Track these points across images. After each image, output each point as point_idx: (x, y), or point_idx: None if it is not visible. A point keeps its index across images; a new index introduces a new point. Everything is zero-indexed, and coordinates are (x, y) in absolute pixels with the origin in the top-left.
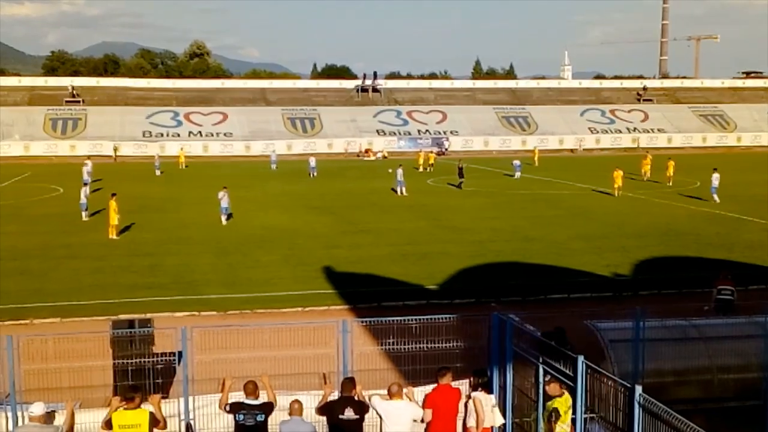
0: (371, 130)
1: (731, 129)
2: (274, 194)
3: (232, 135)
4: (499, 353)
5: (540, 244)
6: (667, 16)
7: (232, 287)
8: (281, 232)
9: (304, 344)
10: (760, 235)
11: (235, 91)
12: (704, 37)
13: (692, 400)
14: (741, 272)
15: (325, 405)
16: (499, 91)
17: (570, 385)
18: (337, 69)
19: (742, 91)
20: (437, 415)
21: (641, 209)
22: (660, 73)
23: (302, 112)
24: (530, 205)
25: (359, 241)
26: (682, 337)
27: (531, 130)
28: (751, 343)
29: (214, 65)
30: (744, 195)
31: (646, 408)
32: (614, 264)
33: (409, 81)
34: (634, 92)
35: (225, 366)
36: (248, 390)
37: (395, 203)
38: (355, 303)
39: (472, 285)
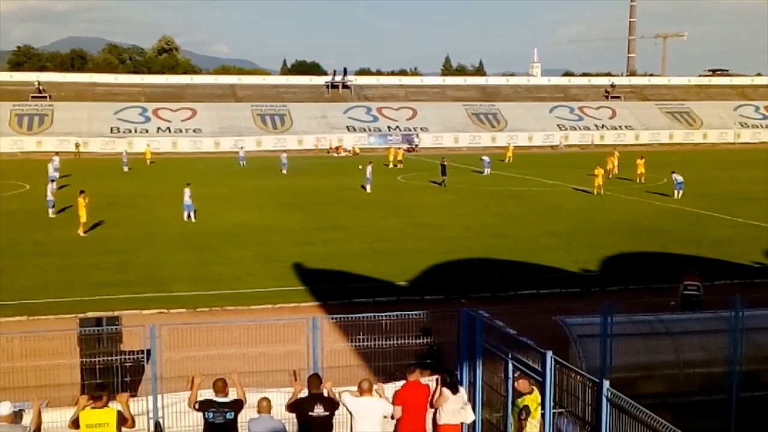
0: (341, 127)
1: (698, 126)
2: (245, 191)
3: (201, 131)
4: (469, 349)
5: (510, 241)
6: (634, 14)
7: (202, 284)
8: (252, 228)
9: (274, 341)
10: (726, 231)
11: (205, 87)
12: (671, 35)
13: (659, 395)
14: (707, 268)
15: (294, 402)
16: (468, 87)
17: (539, 381)
18: (307, 65)
19: (709, 89)
20: (407, 412)
21: (609, 206)
22: (628, 71)
23: (272, 108)
24: (500, 202)
25: (330, 238)
26: (649, 332)
27: (500, 127)
28: (716, 338)
29: (182, 61)
30: (710, 192)
31: (614, 402)
32: (582, 260)
33: (379, 77)
34: (602, 89)
35: (194, 364)
36: (217, 388)
37: (366, 200)
38: (326, 300)
39: (442, 281)
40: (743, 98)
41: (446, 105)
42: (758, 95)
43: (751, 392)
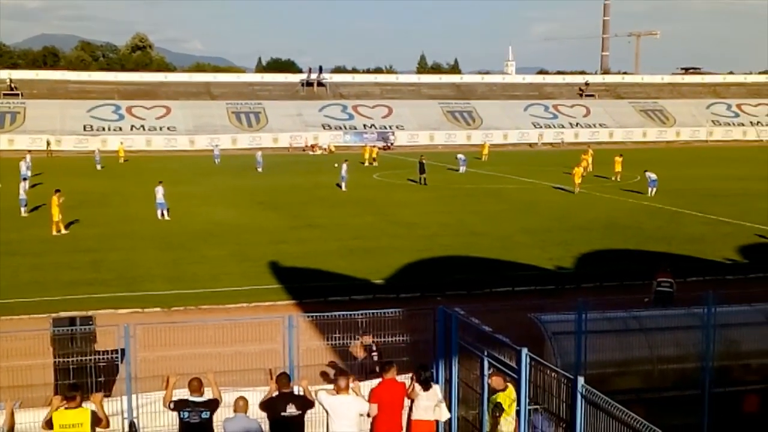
0: (317, 125)
1: (671, 124)
2: (220, 189)
3: (175, 129)
4: (445, 347)
5: (486, 239)
6: (608, 13)
7: (177, 283)
8: (228, 227)
9: (249, 340)
10: (698, 228)
11: (179, 84)
12: (645, 34)
13: (633, 390)
14: (680, 265)
15: (266, 401)
16: (444, 85)
17: (514, 378)
18: (282, 63)
19: (682, 87)
20: (383, 410)
21: (584, 203)
22: (601, 69)
23: (247, 106)
24: (476, 200)
25: (306, 236)
26: (623, 328)
27: (476, 125)
28: (689, 334)
29: (156, 58)
30: (684, 189)
31: (588, 399)
32: (557, 257)
33: (354, 75)
34: (577, 88)
35: (169, 363)
36: (193, 387)
37: (342, 198)
38: (302, 298)
39: (418, 279)
40: (715, 96)
41: (422, 103)
42: (730, 93)
43: (723, 388)
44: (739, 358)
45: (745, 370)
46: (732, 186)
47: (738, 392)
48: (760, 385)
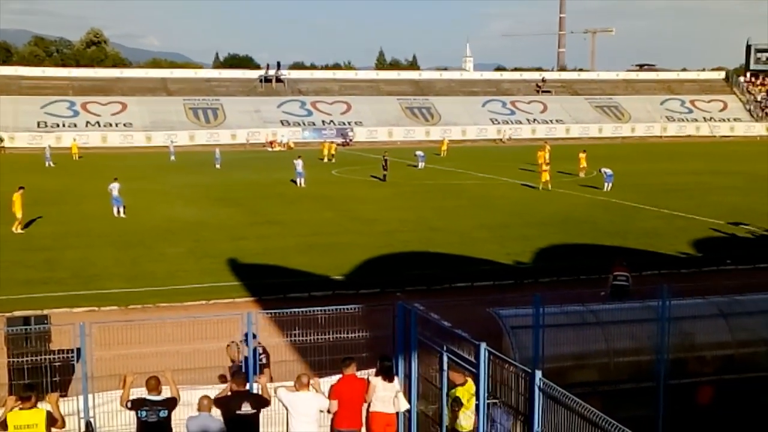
0: (275, 121)
1: (626, 120)
2: (178, 186)
3: (131, 125)
4: (404, 342)
5: (444, 234)
6: (564, 10)
7: (135, 281)
8: (186, 224)
9: (208, 338)
10: (653, 222)
11: (135, 80)
12: (600, 31)
13: (590, 383)
14: (635, 259)
15: (221, 399)
16: (402, 82)
17: (473, 372)
18: (239, 59)
19: (636, 83)
20: (343, 406)
21: (541, 198)
22: (558, 66)
23: (204, 102)
24: (435, 196)
25: (265, 233)
26: (580, 322)
27: (434, 121)
28: (644, 327)
29: (112, 54)
30: (638, 184)
31: (546, 392)
32: (516, 252)
33: (312, 71)
34: (534, 84)
35: (126, 362)
36: (150, 386)
37: (301, 194)
38: (261, 295)
39: (377, 275)
40: (669, 93)
41: (380, 99)
42: (684, 90)
43: (678, 379)
44: (693, 351)
45: (699, 362)
46: (686, 180)
47: (692, 384)
48: (714, 377)
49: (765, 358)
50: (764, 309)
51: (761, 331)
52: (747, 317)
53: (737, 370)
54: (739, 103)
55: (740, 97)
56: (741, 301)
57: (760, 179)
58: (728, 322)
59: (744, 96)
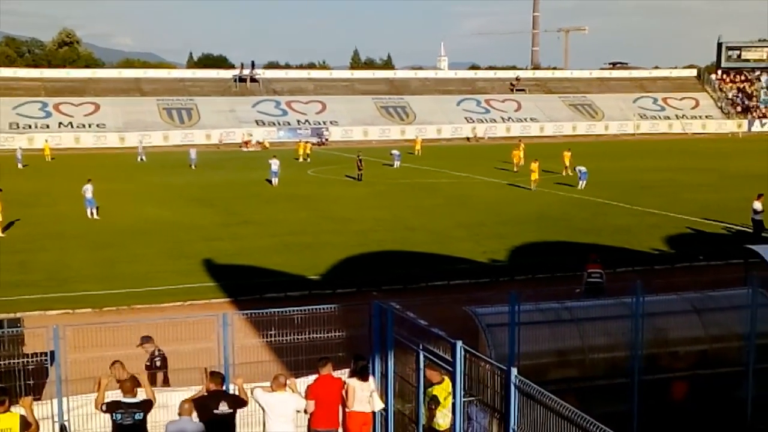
0: (250, 121)
1: (599, 118)
2: (153, 186)
3: (105, 126)
4: (381, 341)
5: (421, 233)
6: (537, 8)
7: (109, 283)
8: (161, 225)
9: (183, 339)
10: (626, 219)
11: (108, 81)
12: (573, 29)
13: (565, 380)
14: (609, 256)
15: (197, 399)
16: (377, 81)
17: (449, 370)
18: (213, 58)
19: (609, 82)
20: (320, 405)
21: (516, 196)
22: (532, 64)
23: (179, 102)
24: (411, 195)
25: (241, 233)
26: (556, 319)
27: (409, 120)
28: (619, 323)
29: (84, 54)
30: (611, 181)
31: (522, 389)
32: (491, 250)
33: (287, 71)
34: (508, 83)
35: (101, 364)
36: (125, 388)
37: (276, 194)
38: (237, 295)
39: (354, 274)
40: (642, 91)
41: (355, 98)
42: (656, 87)
43: (652, 375)
44: (666, 346)
45: (673, 358)
46: (658, 177)
47: (666, 379)
48: (687, 372)
49: (737, 353)
50: (736, 304)
51: (733, 326)
52: (719, 313)
53: (710, 365)
54: (710, 100)
55: (712, 95)
56: (713, 296)
57: (732, 176)
58: (701, 317)
59: (715, 93)
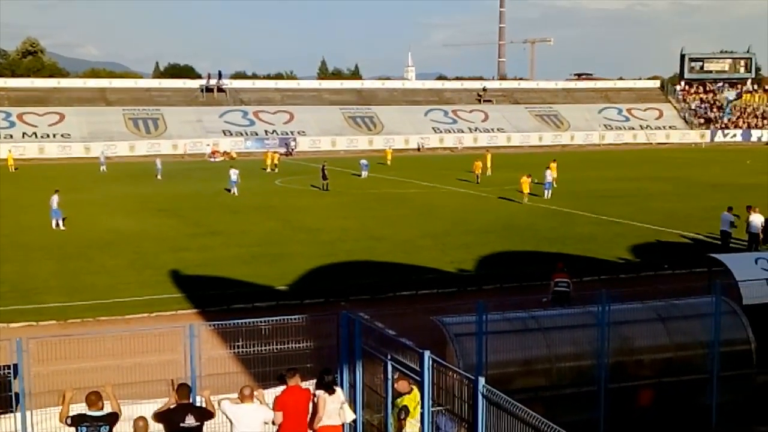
0: (217, 131)
1: (565, 128)
2: (118, 197)
3: (70, 136)
4: (349, 352)
5: (388, 243)
6: (504, 20)
7: (74, 294)
8: (127, 236)
9: (150, 351)
10: (591, 228)
11: (73, 90)
12: (539, 41)
13: (533, 389)
14: (575, 265)
15: (163, 413)
16: (345, 91)
17: (417, 380)
18: (180, 68)
19: (575, 92)
20: (288, 417)
21: (483, 206)
22: (498, 75)
23: (145, 112)
24: (378, 205)
25: (208, 244)
26: (523, 328)
27: (377, 130)
28: (585, 331)
29: (49, 63)
30: (577, 191)
31: (489, 399)
32: (458, 260)
33: (254, 81)
34: (475, 93)
35: (65, 377)
36: (91, 401)
37: (244, 204)
38: (204, 306)
39: (322, 285)
40: (607, 101)
41: (323, 109)
42: (620, 98)
43: (618, 383)
44: (632, 354)
45: (639, 366)
46: (623, 187)
47: (632, 387)
48: (653, 380)
49: (702, 360)
50: (700, 312)
51: (698, 334)
52: (684, 321)
53: (675, 373)
54: (674, 111)
55: (675, 106)
56: (678, 305)
57: (695, 185)
58: (666, 325)
59: (679, 104)
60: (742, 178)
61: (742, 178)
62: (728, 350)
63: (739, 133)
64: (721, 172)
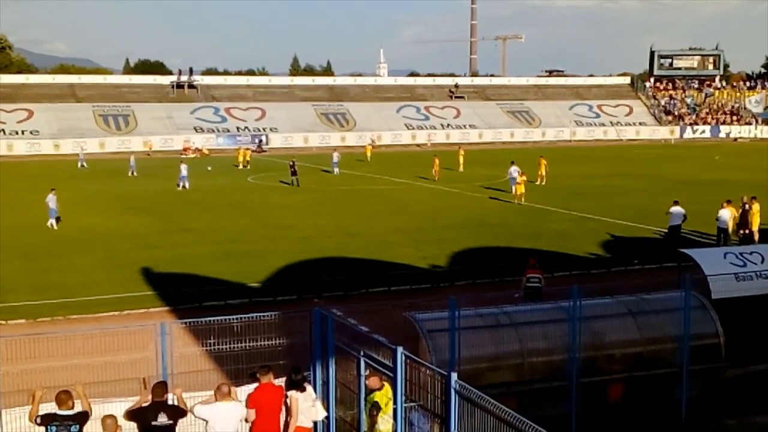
0: (188, 127)
1: (536, 125)
2: (89, 195)
3: (39, 133)
4: (322, 348)
5: (361, 239)
6: (475, 17)
7: (44, 293)
8: (97, 233)
9: (121, 349)
10: (563, 224)
11: (42, 86)
12: (510, 37)
13: (505, 384)
14: (547, 260)
15: (136, 410)
16: (317, 88)
17: (390, 376)
18: (150, 64)
19: (546, 89)
20: (261, 414)
21: (456, 202)
22: (470, 72)
23: (115, 108)
24: (351, 201)
25: (180, 241)
26: (495, 324)
27: (349, 127)
28: (557, 327)
29: (17, 60)
30: (549, 187)
31: (462, 394)
32: (431, 256)
33: (226, 77)
34: (447, 90)
35: (35, 376)
36: (60, 400)
37: (216, 201)
38: (176, 304)
39: (294, 281)
40: (578, 98)
41: (295, 105)
42: (591, 95)
43: (590, 378)
44: (603, 349)
45: (610, 360)
46: (594, 183)
47: (604, 381)
48: (624, 374)
49: (672, 354)
50: (670, 307)
51: (667, 328)
52: (654, 315)
53: (646, 367)
54: (644, 107)
55: (645, 102)
56: (648, 299)
57: (665, 181)
58: (636, 320)
59: (649, 101)
60: (712, 174)
61: (712, 174)
62: (697, 344)
63: (707, 130)
64: (690, 168)
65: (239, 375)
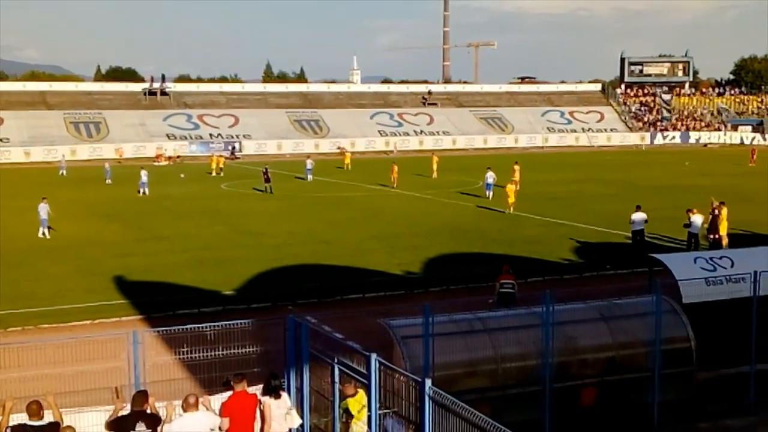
0: (161, 135)
1: (509, 131)
2: (62, 202)
3: (8, 141)
4: (296, 356)
5: (335, 246)
6: (448, 24)
7: (15, 302)
8: (70, 241)
9: (93, 359)
10: (536, 230)
11: (12, 94)
12: (483, 44)
13: (479, 390)
14: (521, 266)
15: (114, 420)
16: (290, 95)
17: (365, 383)
18: (122, 71)
19: (518, 96)
20: (235, 422)
21: (429, 209)
22: (443, 78)
23: (86, 115)
24: (325, 208)
25: (153, 249)
26: (469, 330)
27: (323, 134)
28: (530, 332)
29: None
30: (522, 193)
31: (436, 400)
32: (406, 262)
33: (199, 84)
34: (420, 96)
35: (5, 386)
36: (31, 411)
37: (189, 209)
38: (149, 312)
39: (268, 289)
40: (549, 104)
41: (268, 112)
42: (563, 101)
43: (563, 382)
44: (576, 354)
45: (582, 365)
46: (566, 189)
47: (577, 386)
48: (596, 379)
49: (644, 359)
50: (642, 312)
51: (639, 332)
52: (626, 320)
53: (618, 372)
54: (615, 114)
55: (616, 109)
56: (620, 304)
57: (636, 187)
58: (609, 325)
59: (620, 107)
60: (682, 180)
61: (682, 179)
62: (669, 348)
63: (677, 135)
64: (661, 173)
65: (213, 383)
